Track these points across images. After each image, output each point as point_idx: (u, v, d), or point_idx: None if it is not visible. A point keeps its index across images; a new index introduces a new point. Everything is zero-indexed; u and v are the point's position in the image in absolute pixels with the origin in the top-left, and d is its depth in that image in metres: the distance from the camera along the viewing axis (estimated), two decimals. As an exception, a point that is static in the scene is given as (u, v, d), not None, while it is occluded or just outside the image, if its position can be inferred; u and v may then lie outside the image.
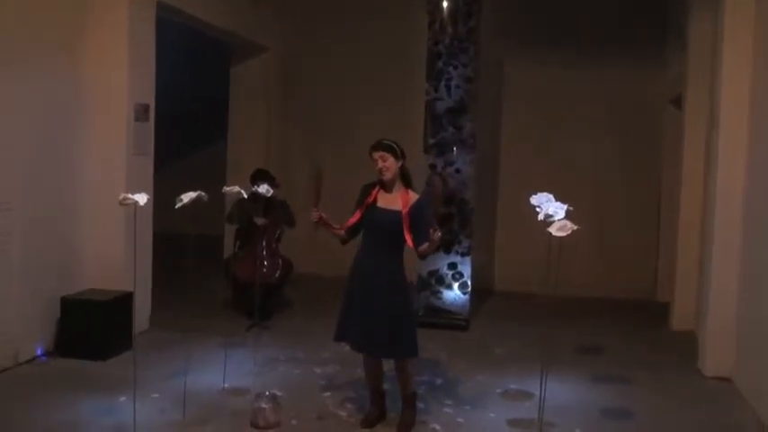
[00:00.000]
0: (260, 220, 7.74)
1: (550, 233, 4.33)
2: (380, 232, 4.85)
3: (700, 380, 6.33)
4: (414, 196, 4.88)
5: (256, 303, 6.72)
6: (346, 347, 6.78)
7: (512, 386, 5.95)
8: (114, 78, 6.80)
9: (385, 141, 4.97)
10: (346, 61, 10.31)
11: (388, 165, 4.86)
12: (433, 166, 7.74)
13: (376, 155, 4.90)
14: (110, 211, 6.54)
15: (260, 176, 7.88)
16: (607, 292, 9.58)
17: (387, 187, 4.92)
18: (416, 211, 4.78)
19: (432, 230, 4.51)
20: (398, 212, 4.82)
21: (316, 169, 5.02)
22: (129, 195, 4.58)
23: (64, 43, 6.56)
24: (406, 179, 4.93)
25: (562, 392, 5.74)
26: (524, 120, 9.87)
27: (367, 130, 10.20)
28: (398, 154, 4.89)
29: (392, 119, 10.02)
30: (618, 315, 8.78)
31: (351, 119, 10.27)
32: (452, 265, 7.74)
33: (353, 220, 4.99)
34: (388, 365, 5.26)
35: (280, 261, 7.90)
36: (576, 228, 4.30)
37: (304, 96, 10.50)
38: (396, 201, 4.87)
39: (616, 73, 9.61)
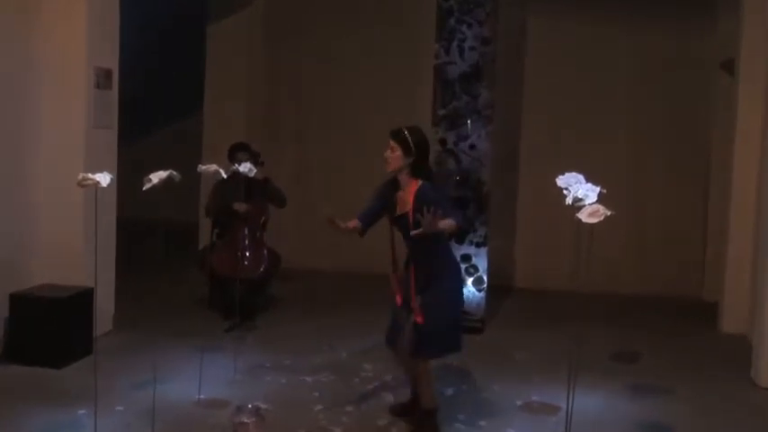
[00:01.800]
0: (241, 207, 7.74)
1: (580, 220, 4.32)
2: (405, 238, 5.04)
3: (752, 391, 6.33)
4: (418, 185, 4.95)
5: (237, 301, 6.73)
6: (343, 354, 6.84)
7: (534, 398, 5.95)
8: (71, 38, 6.78)
9: (402, 131, 5.03)
10: (342, 18, 10.29)
11: (393, 157, 4.99)
12: (443, 141, 7.73)
13: (390, 142, 5.04)
14: (66, 193, 6.53)
15: (240, 152, 7.88)
16: (645, 288, 9.59)
17: (401, 184, 5.05)
18: (420, 200, 4.85)
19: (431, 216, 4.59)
20: (405, 215, 4.97)
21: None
22: (89, 175, 4.58)
23: (12, -3, 6.55)
24: (416, 172, 4.99)
25: (593, 405, 5.75)
26: (550, 87, 9.85)
27: (366, 98, 10.28)
28: (410, 150, 4.97)
29: (396, 86, 10.01)
30: (658, 316, 8.79)
31: (347, 86, 10.25)
32: (466, 258, 7.74)
33: (371, 211, 5.18)
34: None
35: (265, 252, 7.90)
36: (609, 213, 4.30)
37: (293, 58, 10.48)
38: (406, 201, 5.02)
39: (657, 31, 9.57)
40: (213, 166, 5.82)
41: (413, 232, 4.80)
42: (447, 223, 4.72)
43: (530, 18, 9.87)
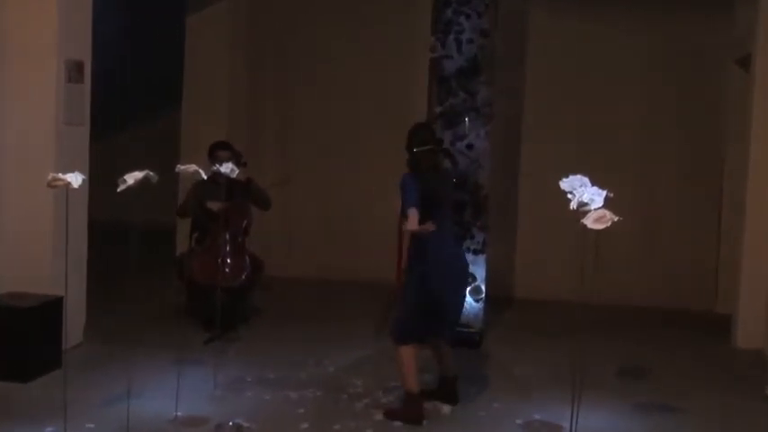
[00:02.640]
0: (215, 205, 7.73)
1: (585, 226, 4.34)
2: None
3: (769, 410, 6.36)
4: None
5: (217, 311, 6.72)
6: (330, 368, 6.84)
7: (536, 416, 5.96)
8: (40, 27, 6.76)
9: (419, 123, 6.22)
10: (331, 7, 10.29)
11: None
12: (439, 141, 7.72)
13: None
14: (35, 195, 6.52)
15: (221, 151, 7.87)
16: (654, 300, 9.60)
17: None
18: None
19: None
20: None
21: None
22: (60, 175, 4.57)
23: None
24: (410, 164, 5.79)
25: (597, 425, 5.76)
26: (554, 84, 9.85)
27: (356, 95, 10.29)
28: (408, 142, 5.82)
29: (389, 81, 10.02)
30: (667, 329, 8.80)
31: (336, 82, 10.25)
32: (462, 266, 7.72)
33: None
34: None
35: (247, 259, 7.90)
36: (616, 219, 4.31)
37: (279, 52, 10.48)
38: None
39: (669, 26, 9.60)
40: (192, 166, 5.81)
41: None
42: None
43: (532, 9, 9.88)
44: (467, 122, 7.74)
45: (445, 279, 5.72)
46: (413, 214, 5.49)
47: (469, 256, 7.74)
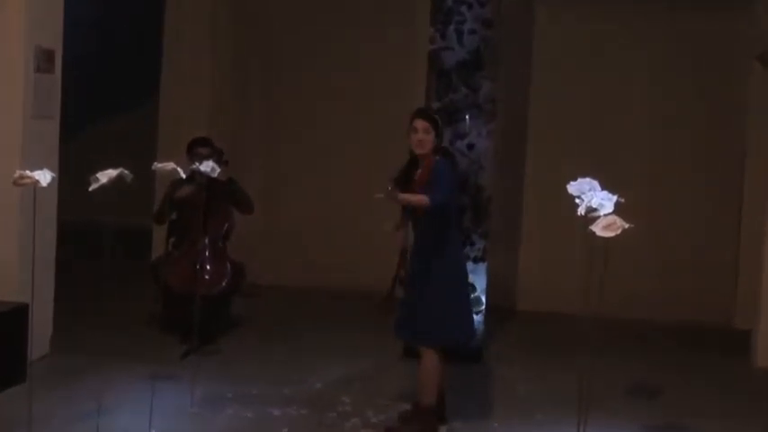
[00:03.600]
0: (183, 191, 7.73)
1: (594, 233, 4.36)
2: (416, 220, 5.83)
3: (790, 434, 6.39)
4: (433, 160, 5.69)
5: (195, 321, 6.73)
6: (317, 384, 6.85)
7: (538, 438, 5.98)
8: (7, 13, 6.75)
9: (431, 111, 6.06)
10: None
11: (429, 139, 5.69)
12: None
13: (417, 124, 5.71)
14: (-1, 193, 6.54)
15: (200, 147, 7.87)
16: (668, 314, 9.60)
17: (419, 163, 5.76)
18: (432, 174, 5.64)
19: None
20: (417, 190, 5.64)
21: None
22: (27, 173, 4.58)
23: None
24: (437, 150, 5.78)
25: (606, 447, 5.79)
26: (562, 80, 9.87)
27: (350, 89, 10.28)
28: (438, 129, 5.75)
29: (384, 75, 10.01)
30: (682, 345, 8.83)
31: (329, 74, 10.24)
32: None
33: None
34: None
35: (228, 265, 7.91)
36: (627, 226, 4.33)
37: (266, 41, 10.46)
38: (421, 176, 5.72)
39: (686, 19, 9.62)
40: (170, 164, 5.82)
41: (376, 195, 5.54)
42: (411, 198, 5.56)
43: (539, -1, 9.93)
44: (468, 120, 7.76)
45: None
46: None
47: (469, 265, 7.74)
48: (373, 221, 9.63)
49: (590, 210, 4.45)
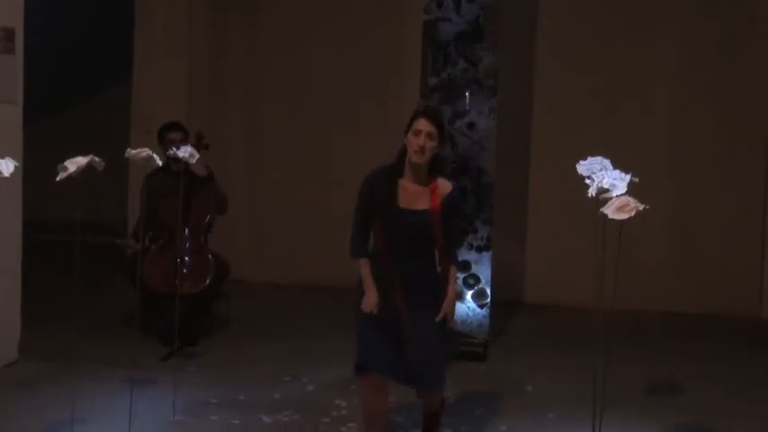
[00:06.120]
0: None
1: (606, 215, 4.37)
2: (404, 240, 5.20)
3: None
4: (445, 186, 5.19)
5: (176, 322, 6.74)
6: (309, 386, 6.87)
7: (550, 441, 6.00)
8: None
9: (441, 114, 5.28)
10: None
11: (431, 147, 5.13)
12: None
13: (421, 125, 5.14)
14: (-42, 186, 6.52)
15: (172, 132, 7.85)
16: (689, 304, 9.61)
17: (412, 175, 5.19)
18: (448, 206, 5.16)
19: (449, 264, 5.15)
20: (426, 212, 5.12)
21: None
22: (-12, 162, 4.58)
23: None
24: (437, 166, 5.24)
25: (623, 450, 5.81)
26: (570, 50, 9.85)
27: (337, 69, 10.24)
28: (443, 138, 5.23)
29: (376, 48, 9.99)
30: (704, 338, 8.85)
31: (316, 48, 10.20)
32: (464, 265, 7.77)
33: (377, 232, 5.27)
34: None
35: (210, 261, 7.91)
36: (642, 208, 4.34)
37: (248, 12, 10.42)
38: (421, 195, 5.17)
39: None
40: (145, 151, 5.80)
41: (439, 316, 5.18)
42: (453, 300, 5.33)
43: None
44: (467, 97, 7.77)
45: None
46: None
47: (472, 254, 7.79)
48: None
49: (601, 191, 4.45)
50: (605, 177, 4.47)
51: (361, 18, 10.07)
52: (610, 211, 4.35)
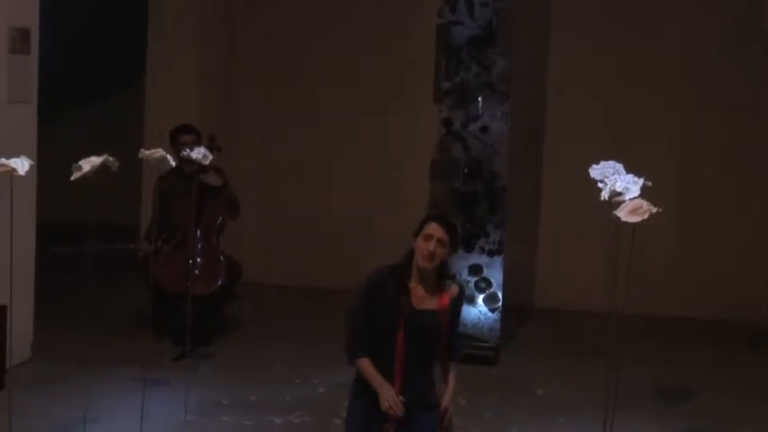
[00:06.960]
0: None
1: (619, 219, 4.36)
2: (411, 340, 4.94)
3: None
4: (453, 289, 4.94)
5: (188, 323, 6.75)
6: (320, 388, 6.87)
7: (561, 445, 6.01)
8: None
9: (455, 223, 5.02)
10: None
11: (442, 254, 4.84)
12: (447, 122, 7.76)
13: (433, 230, 4.85)
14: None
15: (184, 135, 7.85)
16: (700, 309, 9.57)
17: (419, 277, 4.92)
18: (455, 308, 4.94)
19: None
20: (435, 313, 4.87)
21: None
22: (3, 161, 4.60)
23: None
24: (444, 271, 4.97)
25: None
26: (583, 55, 9.83)
27: (350, 72, 10.22)
28: (455, 247, 4.95)
29: (390, 52, 9.98)
30: (713, 343, 8.82)
31: (327, 55, 10.19)
32: (476, 269, 7.77)
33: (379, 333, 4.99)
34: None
35: (222, 262, 7.91)
36: (655, 211, 4.33)
37: (261, 16, 10.43)
38: (429, 297, 4.94)
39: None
40: (159, 151, 5.82)
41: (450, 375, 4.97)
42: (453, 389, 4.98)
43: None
44: (480, 101, 7.76)
45: None
46: None
47: (484, 258, 7.78)
48: (372, 221, 9.75)
49: (614, 194, 4.45)
50: (618, 181, 4.47)
51: (375, 20, 10.05)
52: (623, 213, 4.35)
